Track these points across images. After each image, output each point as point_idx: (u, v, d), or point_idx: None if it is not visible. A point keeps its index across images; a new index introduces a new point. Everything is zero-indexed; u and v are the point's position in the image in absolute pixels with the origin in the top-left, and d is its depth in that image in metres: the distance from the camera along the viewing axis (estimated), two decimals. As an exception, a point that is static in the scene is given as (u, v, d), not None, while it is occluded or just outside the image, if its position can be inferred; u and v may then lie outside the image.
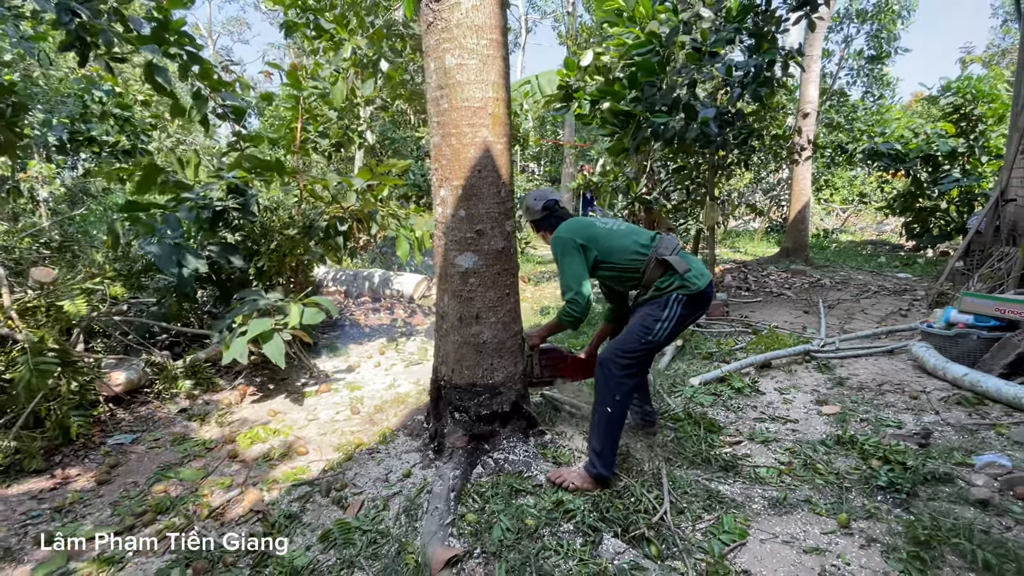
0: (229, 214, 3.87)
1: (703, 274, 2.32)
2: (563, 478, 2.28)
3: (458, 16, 2.12)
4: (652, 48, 3.86)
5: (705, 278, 2.31)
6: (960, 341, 3.67)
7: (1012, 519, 2.04)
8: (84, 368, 2.81)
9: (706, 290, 2.32)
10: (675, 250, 2.31)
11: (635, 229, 2.45)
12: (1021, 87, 5.64)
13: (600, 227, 2.41)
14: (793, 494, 2.27)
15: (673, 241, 2.36)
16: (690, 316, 2.34)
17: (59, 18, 3.39)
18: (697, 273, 2.30)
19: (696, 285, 2.28)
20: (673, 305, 2.28)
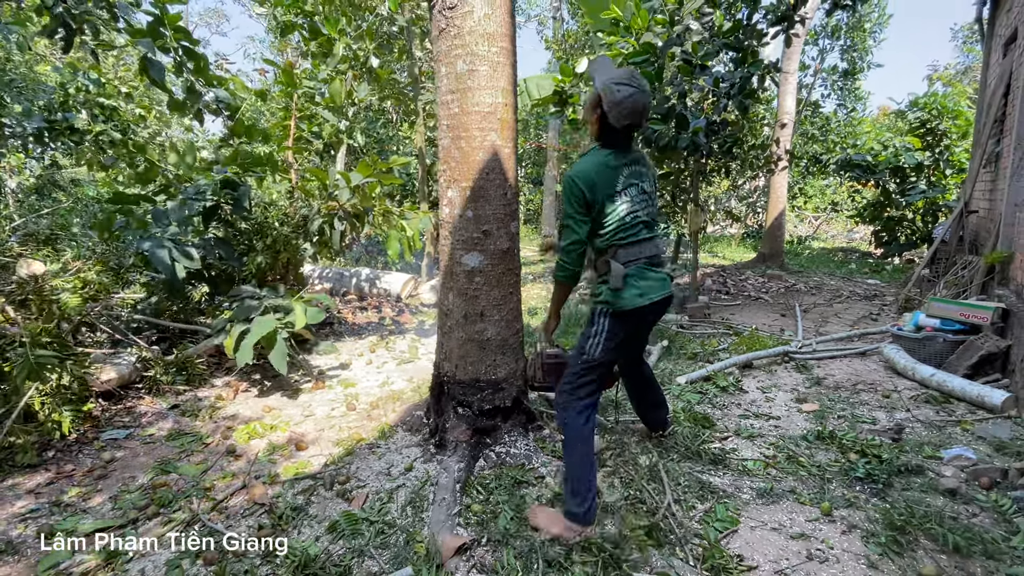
0: (222, 209, 3.86)
1: (644, 293, 2.05)
2: (538, 523, 2.02)
3: (470, 24, 2.20)
4: (647, 58, 4.01)
5: (645, 298, 2.05)
6: (928, 343, 3.89)
7: (978, 507, 2.21)
8: (79, 362, 2.79)
9: (644, 309, 2.05)
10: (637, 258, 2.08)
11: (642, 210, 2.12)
12: (983, 106, 5.98)
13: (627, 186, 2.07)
14: (779, 485, 2.41)
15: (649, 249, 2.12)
16: (631, 333, 2.15)
17: (44, 1, 3.34)
18: (637, 293, 2.04)
19: (621, 304, 2.04)
20: (599, 319, 2.10)
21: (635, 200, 2.10)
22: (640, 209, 2.12)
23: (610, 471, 2.48)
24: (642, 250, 2.12)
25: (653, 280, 2.11)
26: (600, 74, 2.05)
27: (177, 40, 3.76)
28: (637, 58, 4.10)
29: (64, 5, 3.26)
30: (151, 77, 3.58)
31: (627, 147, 2.14)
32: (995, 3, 6.10)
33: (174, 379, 3.64)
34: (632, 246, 2.11)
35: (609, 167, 2.05)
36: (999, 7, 5.97)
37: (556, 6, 14.77)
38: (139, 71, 3.60)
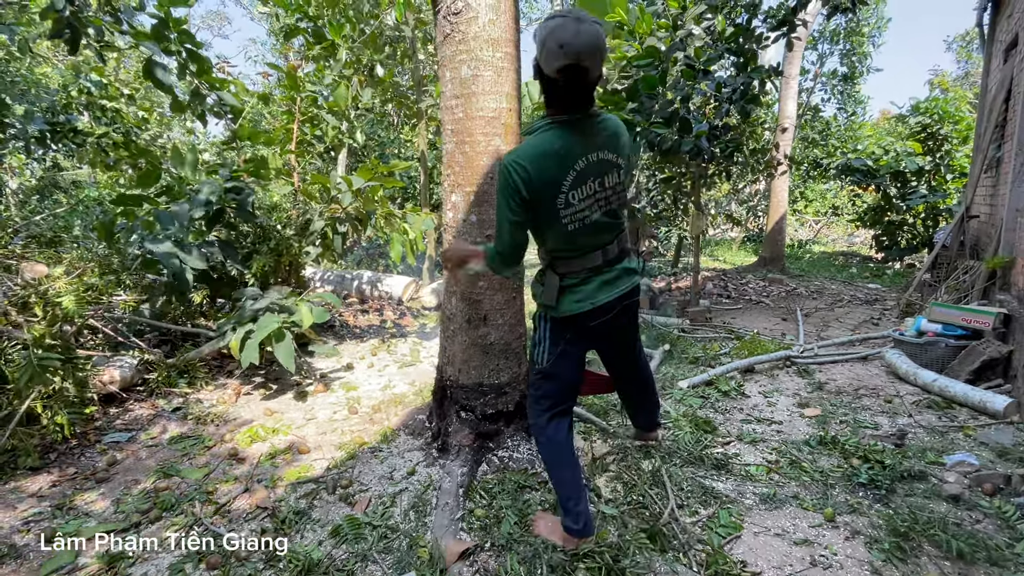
0: (227, 213, 3.86)
1: (585, 299, 1.72)
2: (540, 531, 1.93)
3: (475, 29, 2.21)
4: (651, 62, 4.02)
5: (587, 303, 1.71)
6: (929, 348, 3.89)
7: (981, 513, 2.21)
8: (82, 365, 2.79)
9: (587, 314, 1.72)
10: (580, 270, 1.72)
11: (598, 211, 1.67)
12: (984, 111, 5.99)
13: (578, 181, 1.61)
14: (782, 490, 2.41)
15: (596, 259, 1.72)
16: (579, 341, 1.81)
17: (53, 4, 3.36)
18: (574, 299, 1.72)
19: (557, 311, 1.75)
20: (540, 324, 1.84)
21: (586, 203, 1.63)
22: (594, 212, 1.65)
23: (613, 476, 2.48)
24: (586, 262, 1.72)
25: (598, 283, 1.73)
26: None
27: (181, 43, 3.78)
28: (641, 61, 4.12)
29: (72, 8, 3.27)
30: (155, 79, 3.59)
31: (580, 110, 1.59)
32: (995, 9, 6.12)
33: (176, 382, 3.64)
34: (575, 259, 1.72)
35: (555, 154, 1.56)
36: (1000, 13, 5.99)
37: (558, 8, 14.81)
38: (143, 73, 3.61)
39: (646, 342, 4.81)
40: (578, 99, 1.58)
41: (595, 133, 1.62)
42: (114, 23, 3.71)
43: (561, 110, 1.59)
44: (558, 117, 1.60)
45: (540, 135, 1.60)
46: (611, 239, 1.75)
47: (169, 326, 3.96)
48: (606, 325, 1.79)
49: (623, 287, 1.77)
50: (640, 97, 4.06)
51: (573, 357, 1.85)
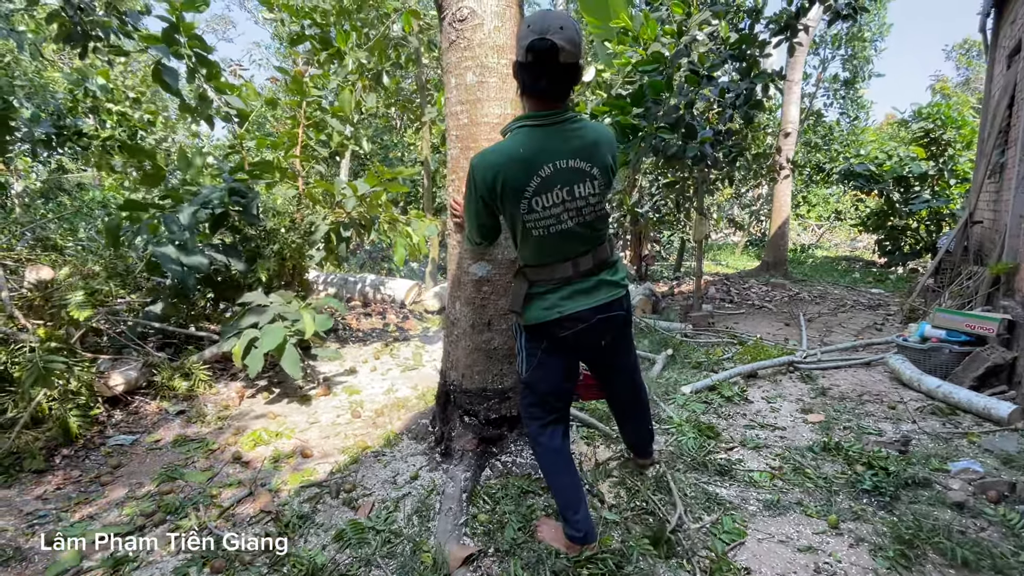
0: (231, 216, 3.88)
1: (553, 307, 1.68)
2: (544, 536, 1.96)
3: (480, 36, 2.22)
4: (657, 67, 4.04)
5: (554, 311, 1.68)
6: (933, 354, 3.88)
7: (986, 520, 2.20)
8: (87, 367, 2.80)
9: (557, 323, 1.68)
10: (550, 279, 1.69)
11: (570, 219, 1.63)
12: (987, 117, 5.99)
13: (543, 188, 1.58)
14: (785, 497, 2.40)
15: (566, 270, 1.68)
16: (555, 353, 1.76)
17: (64, 11, 3.39)
18: (543, 307, 1.69)
19: (526, 319, 1.73)
20: (517, 334, 1.82)
21: (553, 211, 1.59)
22: (563, 222, 1.61)
23: (616, 481, 2.47)
24: (554, 272, 1.69)
25: (567, 292, 1.69)
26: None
27: (191, 47, 3.81)
28: (647, 67, 4.14)
29: (81, 16, 3.31)
30: (164, 82, 3.62)
31: (552, 100, 1.56)
32: (998, 15, 6.13)
33: (179, 385, 3.65)
34: (544, 267, 1.70)
35: (520, 159, 1.53)
36: (1002, 19, 6.00)
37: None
38: (152, 76, 3.64)
39: (649, 347, 4.80)
40: (550, 85, 1.54)
41: (567, 139, 1.57)
42: (120, 26, 3.74)
43: (535, 101, 1.59)
44: (529, 122, 1.59)
45: (510, 138, 1.60)
46: (584, 250, 1.69)
47: (173, 329, 3.98)
48: (583, 337, 1.72)
49: (600, 299, 1.70)
50: (646, 102, 4.08)
51: (553, 367, 1.79)
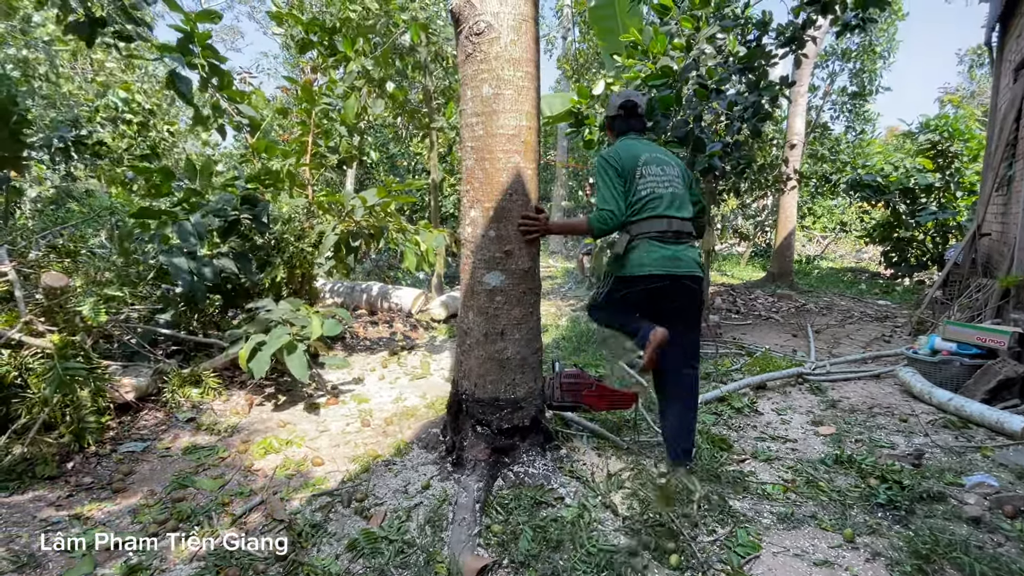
0: (242, 224, 3.91)
1: (645, 265, 2.33)
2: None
3: (497, 49, 2.25)
4: (666, 81, 4.07)
5: (645, 269, 2.32)
6: (944, 367, 3.87)
7: (1003, 535, 2.19)
8: (101, 375, 2.82)
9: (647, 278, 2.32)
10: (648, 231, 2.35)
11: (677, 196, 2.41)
12: (994, 129, 6.00)
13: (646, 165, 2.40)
14: (799, 510, 2.39)
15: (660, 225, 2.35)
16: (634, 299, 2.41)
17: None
18: (637, 263, 2.35)
19: (622, 272, 2.42)
20: (607, 279, 2.54)
21: (654, 177, 2.41)
22: (659, 187, 2.40)
23: (629, 492, 2.46)
24: (653, 225, 2.36)
25: (657, 256, 2.33)
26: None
27: (205, 57, 3.86)
28: (656, 81, 4.17)
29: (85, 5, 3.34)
30: (179, 91, 3.66)
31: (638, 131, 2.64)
32: (1004, 29, 6.16)
33: (189, 392, 3.66)
34: (644, 222, 2.37)
35: (630, 151, 2.44)
36: (1008, 33, 6.03)
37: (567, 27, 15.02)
38: (166, 85, 3.68)
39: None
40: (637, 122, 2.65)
41: (649, 146, 2.58)
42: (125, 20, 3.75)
43: (628, 131, 2.64)
44: (627, 138, 2.59)
45: (620, 143, 2.54)
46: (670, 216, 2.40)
47: (183, 336, 3.99)
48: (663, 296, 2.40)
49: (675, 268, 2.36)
50: (655, 116, 4.10)
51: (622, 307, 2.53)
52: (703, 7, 4.14)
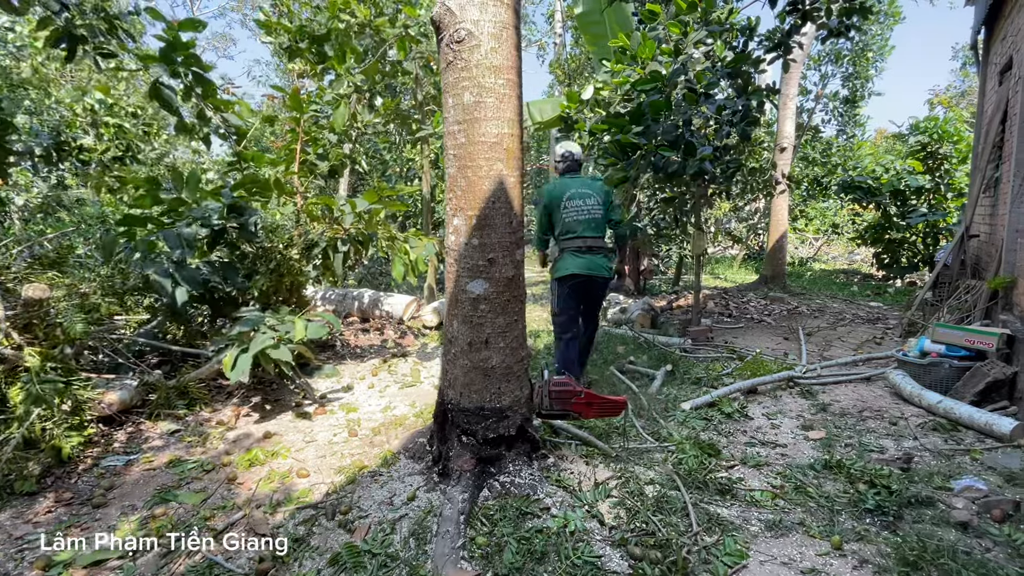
0: (228, 233, 3.88)
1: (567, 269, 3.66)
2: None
3: (477, 57, 2.24)
4: (656, 86, 4.07)
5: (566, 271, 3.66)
6: (933, 369, 3.87)
7: (991, 540, 2.17)
8: (82, 387, 2.78)
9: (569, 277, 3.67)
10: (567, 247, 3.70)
11: (592, 220, 3.67)
12: (981, 131, 6.04)
13: (570, 199, 3.70)
14: (787, 517, 2.37)
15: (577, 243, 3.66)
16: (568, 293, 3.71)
17: (48, 7, 3.38)
18: (564, 267, 3.68)
19: (554, 274, 3.79)
20: (552, 284, 3.86)
21: (575, 209, 3.69)
22: (578, 215, 3.69)
23: (616, 501, 2.44)
24: (572, 243, 3.67)
25: (572, 263, 3.66)
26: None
27: (188, 66, 3.83)
28: (645, 86, 4.17)
29: (67, 15, 3.31)
30: (162, 100, 3.64)
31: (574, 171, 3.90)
32: (989, 31, 6.21)
33: (175, 403, 3.62)
34: (566, 240, 3.70)
35: (561, 187, 3.74)
36: (993, 36, 6.08)
37: (559, 32, 15.07)
38: (150, 94, 3.66)
39: (648, 362, 4.79)
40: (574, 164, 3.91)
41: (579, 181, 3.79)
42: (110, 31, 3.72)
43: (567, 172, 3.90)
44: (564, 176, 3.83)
45: (556, 181, 3.71)
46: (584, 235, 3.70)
47: (169, 347, 3.95)
48: (581, 290, 3.75)
49: (584, 270, 3.67)
50: (645, 120, 4.10)
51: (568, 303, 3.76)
52: (690, 12, 4.15)
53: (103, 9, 3.70)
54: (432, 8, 2.86)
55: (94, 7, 3.69)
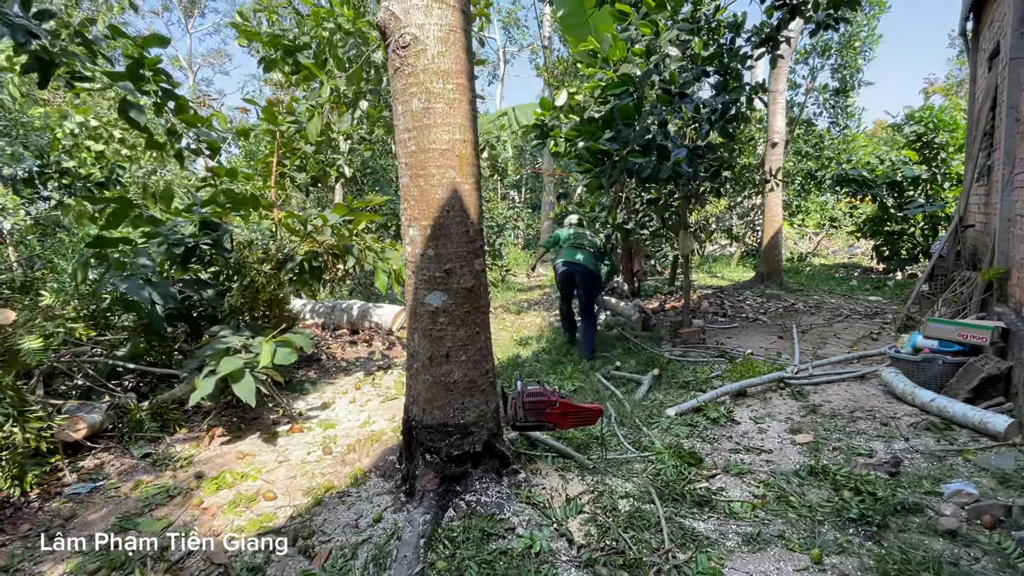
0: (201, 249, 3.82)
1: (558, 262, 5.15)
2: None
3: (424, 61, 2.17)
4: (626, 89, 3.98)
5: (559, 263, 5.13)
6: (926, 366, 3.74)
7: (980, 549, 2.06)
8: (39, 415, 2.71)
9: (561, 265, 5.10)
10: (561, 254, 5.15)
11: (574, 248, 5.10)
12: (973, 119, 5.91)
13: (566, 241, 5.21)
14: (767, 529, 2.27)
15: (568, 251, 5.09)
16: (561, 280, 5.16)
17: (15, 39, 3.34)
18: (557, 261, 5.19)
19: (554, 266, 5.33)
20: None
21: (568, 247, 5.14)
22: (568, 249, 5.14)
23: (587, 518, 2.34)
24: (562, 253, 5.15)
25: (563, 258, 5.06)
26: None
27: (156, 82, 3.79)
28: (616, 89, 4.08)
29: (39, 43, 3.27)
30: (129, 118, 3.59)
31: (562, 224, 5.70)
32: (978, 18, 6.09)
33: (149, 426, 3.55)
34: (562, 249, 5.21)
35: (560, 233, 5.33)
36: (982, 22, 5.96)
37: (547, 35, 15.04)
38: (118, 113, 3.61)
39: (635, 367, 4.68)
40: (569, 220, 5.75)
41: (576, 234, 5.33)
42: (89, 56, 3.70)
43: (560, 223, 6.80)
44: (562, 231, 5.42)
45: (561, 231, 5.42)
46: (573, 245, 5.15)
47: (144, 368, 3.89)
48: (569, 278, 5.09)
49: (568, 263, 5.03)
50: (616, 126, 4.01)
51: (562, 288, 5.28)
52: (659, 11, 4.07)
53: (81, 34, 3.67)
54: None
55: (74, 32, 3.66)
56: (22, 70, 3.58)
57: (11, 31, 3.15)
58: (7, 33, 3.18)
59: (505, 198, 15.15)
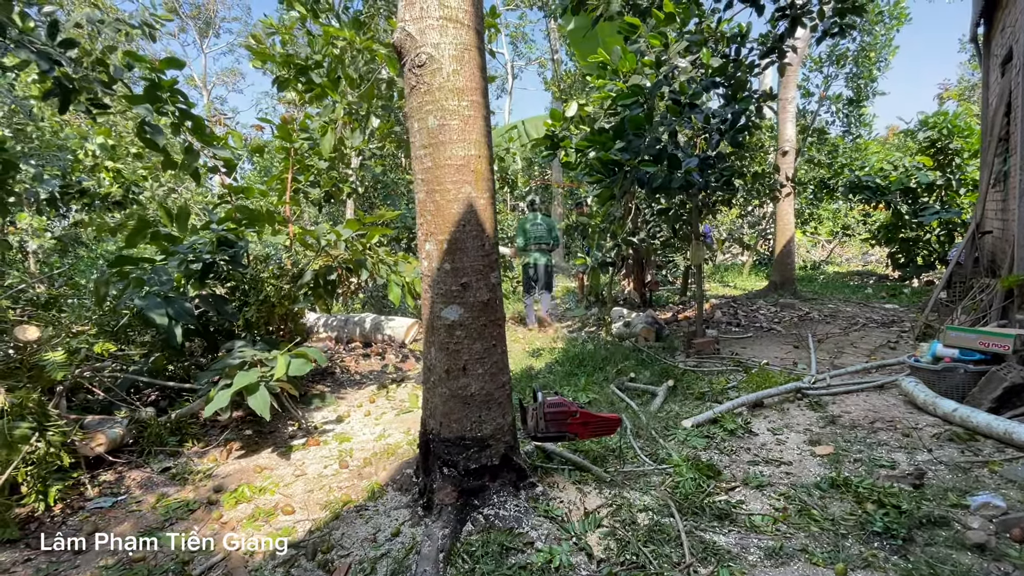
0: (219, 266, 3.89)
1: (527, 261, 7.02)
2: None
3: (440, 80, 2.21)
4: (636, 100, 4.02)
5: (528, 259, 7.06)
6: (947, 376, 3.68)
7: (1010, 564, 2.01)
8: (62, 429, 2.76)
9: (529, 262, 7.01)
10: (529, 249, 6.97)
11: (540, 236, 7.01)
12: (987, 124, 5.87)
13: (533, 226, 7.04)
14: (789, 543, 2.23)
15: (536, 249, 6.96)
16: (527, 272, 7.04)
17: (39, 66, 3.46)
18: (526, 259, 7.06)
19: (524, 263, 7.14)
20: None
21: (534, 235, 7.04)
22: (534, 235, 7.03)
23: (607, 531, 2.33)
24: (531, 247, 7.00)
25: (531, 256, 7.05)
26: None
27: (174, 103, 3.88)
28: (626, 100, 4.11)
29: (61, 69, 3.38)
30: (147, 140, 3.68)
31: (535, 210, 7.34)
32: (989, 23, 6.08)
33: (168, 440, 3.59)
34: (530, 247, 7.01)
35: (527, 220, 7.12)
36: (993, 27, 5.94)
37: (555, 48, 15.19)
38: (136, 135, 3.71)
39: (649, 378, 4.66)
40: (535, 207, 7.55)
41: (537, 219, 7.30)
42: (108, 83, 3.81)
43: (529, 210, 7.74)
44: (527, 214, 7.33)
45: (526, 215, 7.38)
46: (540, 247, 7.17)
47: (163, 383, 3.94)
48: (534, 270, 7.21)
49: (538, 260, 7.14)
50: (627, 136, 4.04)
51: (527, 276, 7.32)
52: (668, 24, 4.11)
53: (103, 63, 3.79)
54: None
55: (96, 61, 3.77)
56: (44, 96, 3.70)
57: (37, 58, 3.26)
58: (34, 59, 3.29)
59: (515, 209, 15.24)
